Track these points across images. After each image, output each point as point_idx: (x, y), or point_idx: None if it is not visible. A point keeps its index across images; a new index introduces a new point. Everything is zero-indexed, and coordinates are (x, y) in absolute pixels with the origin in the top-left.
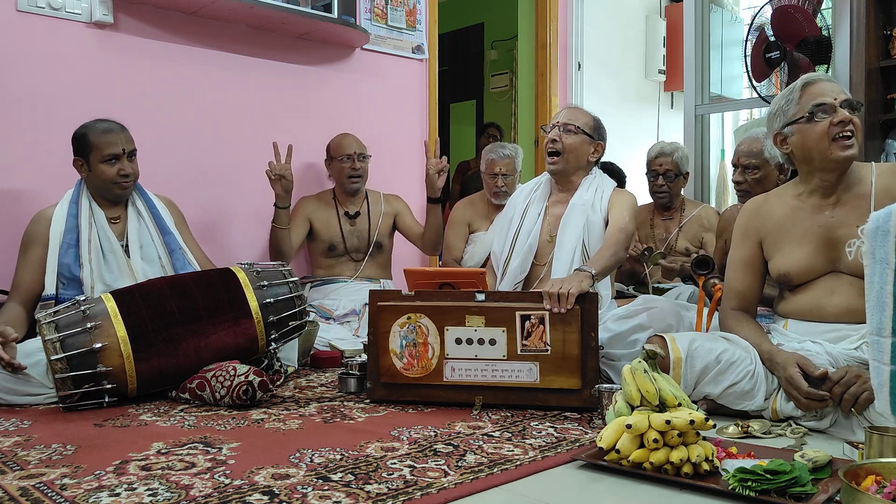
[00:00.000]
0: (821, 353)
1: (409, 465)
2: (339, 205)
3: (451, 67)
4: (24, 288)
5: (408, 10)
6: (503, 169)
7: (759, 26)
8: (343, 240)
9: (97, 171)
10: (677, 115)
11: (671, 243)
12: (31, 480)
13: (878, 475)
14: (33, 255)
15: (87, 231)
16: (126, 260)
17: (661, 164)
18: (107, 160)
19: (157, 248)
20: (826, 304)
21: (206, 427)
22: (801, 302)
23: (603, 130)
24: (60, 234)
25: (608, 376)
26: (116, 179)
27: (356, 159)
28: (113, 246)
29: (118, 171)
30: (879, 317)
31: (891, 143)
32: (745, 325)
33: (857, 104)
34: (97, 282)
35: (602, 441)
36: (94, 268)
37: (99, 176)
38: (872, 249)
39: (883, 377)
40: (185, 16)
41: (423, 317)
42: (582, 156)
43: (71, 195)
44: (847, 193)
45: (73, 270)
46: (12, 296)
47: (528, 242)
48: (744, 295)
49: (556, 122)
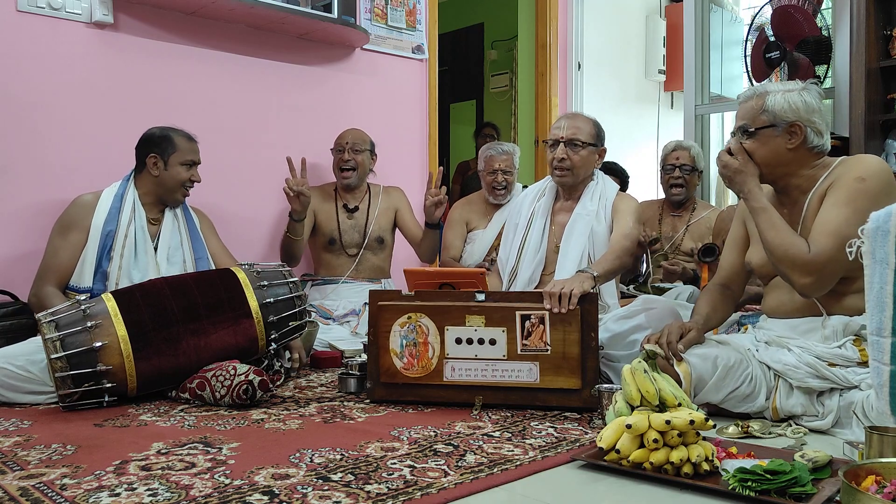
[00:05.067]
0: (800, 366)
1: (409, 465)
2: (340, 198)
3: (451, 67)
4: (60, 270)
5: (408, 10)
6: (502, 165)
7: (759, 26)
8: (340, 234)
9: (173, 171)
10: (677, 115)
11: (677, 242)
12: (31, 480)
13: (878, 475)
14: (74, 238)
15: (125, 227)
16: (155, 261)
17: (679, 157)
18: (186, 164)
19: (184, 253)
20: (787, 300)
21: (206, 427)
22: (771, 299)
23: (603, 133)
24: (101, 224)
25: (607, 377)
26: (186, 183)
27: (347, 151)
28: (147, 246)
29: (191, 176)
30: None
31: (891, 143)
32: (702, 297)
33: (744, 128)
34: (123, 277)
35: (602, 441)
36: (123, 264)
37: (174, 176)
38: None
39: (883, 377)
40: (185, 16)
41: (424, 316)
42: (590, 167)
43: (117, 189)
44: (802, 194)
45: (102, 263)
46: (48, 279)
47: (538, 257)
48: (726, 271)
49: (560, 138)
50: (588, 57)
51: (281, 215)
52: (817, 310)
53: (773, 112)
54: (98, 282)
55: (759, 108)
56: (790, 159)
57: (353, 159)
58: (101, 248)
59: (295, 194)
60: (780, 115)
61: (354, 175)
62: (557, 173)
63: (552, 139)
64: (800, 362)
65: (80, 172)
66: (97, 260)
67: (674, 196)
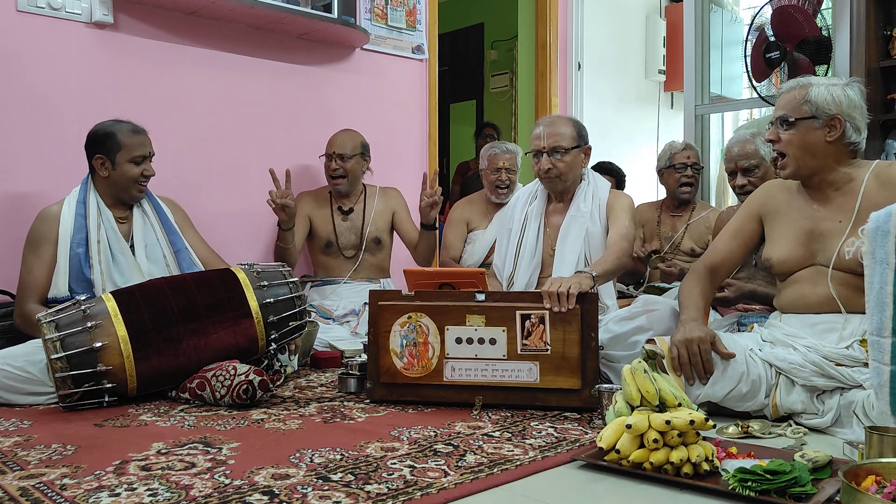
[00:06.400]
0: (805, 364)
1: (409, 465)
2: (335, 200)
3: (451, 67)
4: (38, 287)
5: (408, 10)
6: (506, 163)
7: (759, 26)
8: (337, 237)
9: (122, 170)
10: (677, 115)
11: (676, 242)
12: (31, 480)
13: (878, 475)
14: (46, 253)
15: (95, 231)
16: (134, 260)
17: (689, 156)
18: (134, 160)
19: (162, 248)
20: (809, 293)
21: (206, 427)
22: (790, 294)
23: (585, 130)
24: (69, 233)
25: (608, 378)
26: (140, 180)
27: (334, 159)
28: (122, 246)
29: (142, 171)
30: (879, 317)
31: (891, 143)
32: (692, 284)
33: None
34: (107, 282)
35: (602, 441)
36: (103, 269)
37: (123, 175)
38: (872, 249)
39: (883, 377)
40: (185, 16)
41: (424, 316)
42: (578, 168)
43: (77, 194)
44: (835, 191)
45: (83, 271)
46: (28, 297)
47: (534, 261)
48: (719, 257)
49: (541, 148)
50: (588, 57)
51: None
52: (836, 306)
53: (815, 103)
54: (82, 290)
55: (801, 98)
56: (827, 153)
57: (340, 167)
58: (73, 256)
59: (279, 206)
60: (822, 106)
61: (345, 182)
62: (546, 181)
63: (534, 150)
64: (805, 361)
65: (80, 172)
66: (75, 269)
67: (683, 194)
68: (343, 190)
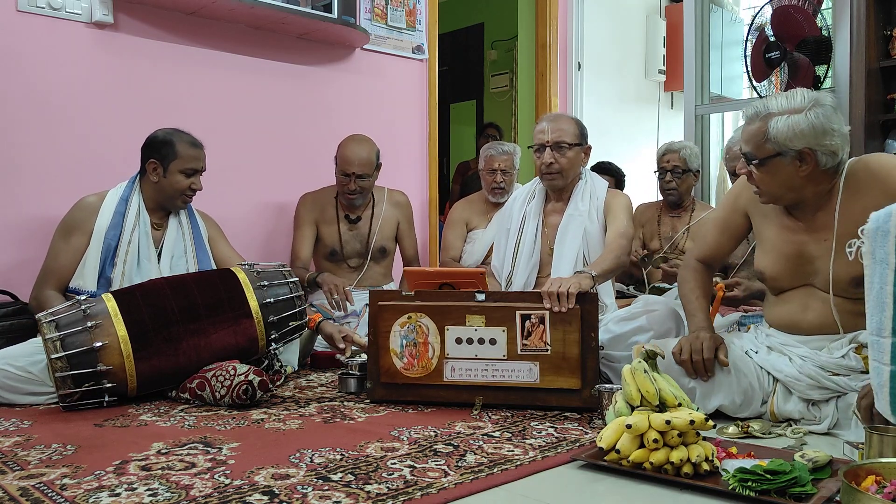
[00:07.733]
0: (801, 377)
1: (409, 465)
2: (342, 208)
3: (451, 67)
4: (61, 273)
5: (408, 10)
6: (502, 165)
7: (759, 26)
8: (342, 245)
9: (173, 178)
10: (677, 115)
11: (676, 242)
12: (31, 480)
13: (878, 475)
14: (76, 242)
15: (129, 232)
16: (157, 268)
17: (669, 160)
18: (186, 172)
19: (187, 262)
20: (800, 319)
21: (206, 427)
22: (780, 314)
23: (586, 131)
24: (104, 228)
25: (608, 378)
26: (186, 192)
27: (353, 180)
28: (150, 252)
29: (191, 184)
30: (879, 317)
31: (891, 143)
32: (692, 285)
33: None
34: (125, 283)
35: (602, 441)
36: (126, 270)
37: (172, 184)
38: (872, 249)
39: (883, 377)
40: (185, 16)
41: (424, 316)
42: (578, 166)
43: (122, 192)
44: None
45: (106, 269)
46: (48, 281)
47: (532, 261)
48: (711, 250)
49: (545, 142)
50: (588, 57)
51: (279, 215)
52: (832, 329)
53: (776, 141)
54: (101, 287)
55: (762, 136)
56: (805, 183)
57: (358, 187)
58: (104, 252)
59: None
60: (784, 143)
61: (360, 197)
62: (547, 177)
63: (537, 144)
64: (801, 374)
65: (80, 173)
66: (101, 265)
67: (669, 196)
68: (357, 204)
